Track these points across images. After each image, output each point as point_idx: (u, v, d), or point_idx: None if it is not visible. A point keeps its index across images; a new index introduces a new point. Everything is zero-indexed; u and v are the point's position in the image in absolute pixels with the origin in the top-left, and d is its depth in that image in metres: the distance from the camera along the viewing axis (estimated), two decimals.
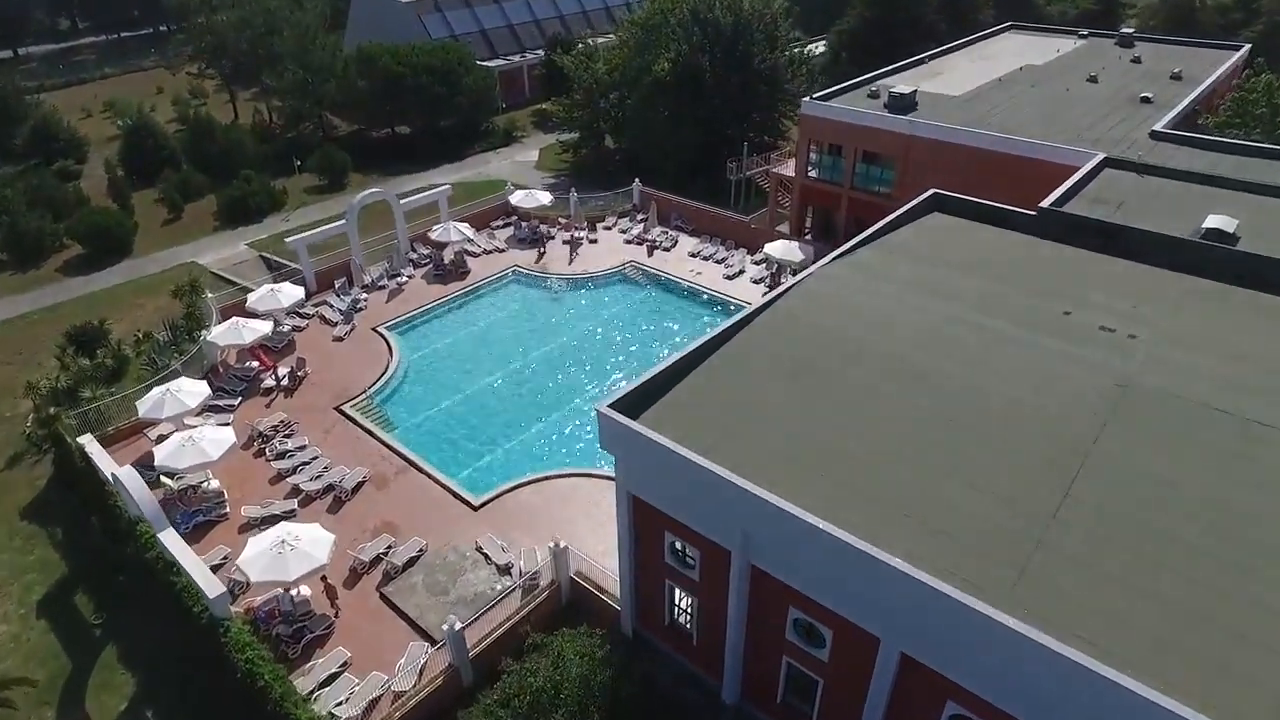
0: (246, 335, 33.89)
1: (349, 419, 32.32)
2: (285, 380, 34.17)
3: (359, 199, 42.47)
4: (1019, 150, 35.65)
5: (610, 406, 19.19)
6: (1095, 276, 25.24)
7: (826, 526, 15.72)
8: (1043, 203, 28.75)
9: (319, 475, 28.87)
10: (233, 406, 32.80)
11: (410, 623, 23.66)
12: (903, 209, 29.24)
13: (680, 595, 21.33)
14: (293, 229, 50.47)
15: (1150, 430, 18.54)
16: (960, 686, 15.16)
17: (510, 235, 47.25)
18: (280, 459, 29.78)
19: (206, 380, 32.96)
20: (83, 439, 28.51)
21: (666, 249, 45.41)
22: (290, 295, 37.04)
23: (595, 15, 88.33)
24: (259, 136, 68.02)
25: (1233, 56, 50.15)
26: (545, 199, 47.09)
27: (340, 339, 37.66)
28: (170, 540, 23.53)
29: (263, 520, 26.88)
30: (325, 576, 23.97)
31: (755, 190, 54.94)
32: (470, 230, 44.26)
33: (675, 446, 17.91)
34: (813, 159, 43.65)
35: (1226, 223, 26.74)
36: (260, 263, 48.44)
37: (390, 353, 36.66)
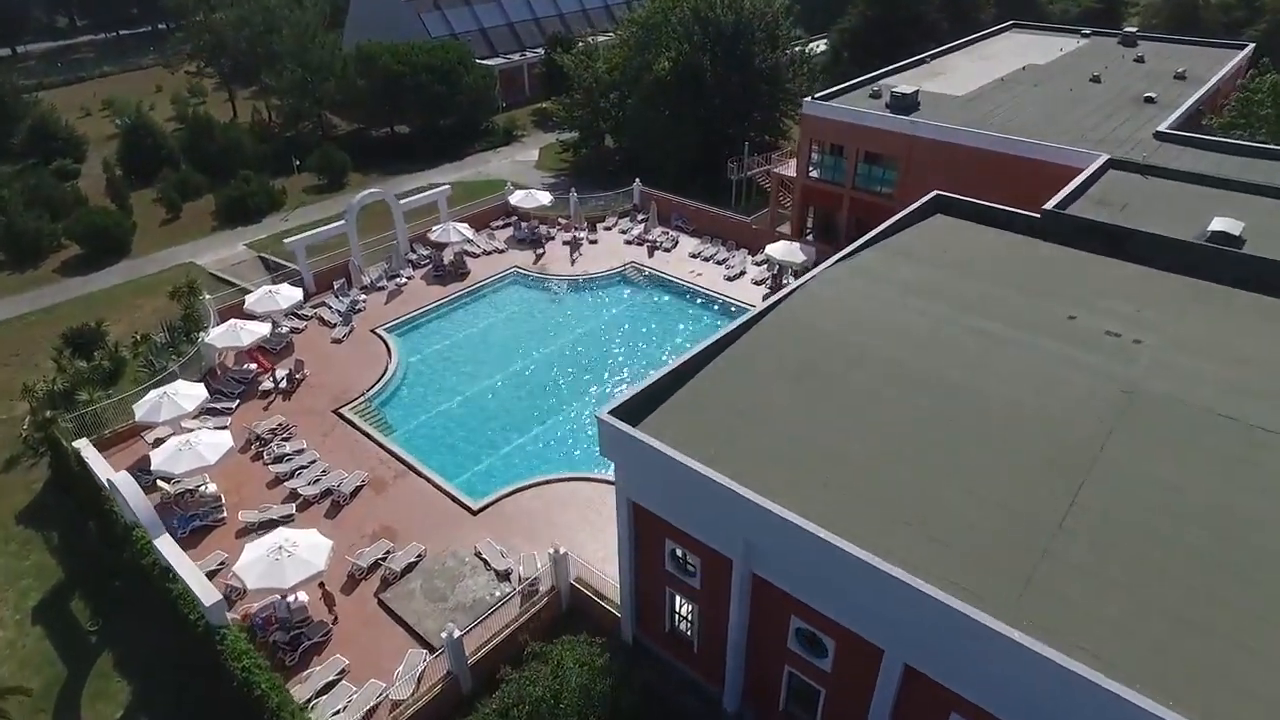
0: (244, 337, 33.67)
1: (347, 422, 32.12)
2: (283, 383, 33.97)
3: (358, 199, 42.23)
4: (1022, 151, 35.40)
5: (610, 413, 18.98)
6: (1099, 279, 25.00)
7: (829, 537, 15.51)
8: (1046, 204, 28.50)
9: (317, 479, 28.67)
10: (230, 409, 32.59)
11: (408, 629, 23.45)
12: (905, 211, 29.00)
13: (681, 602, 21.14)
14: (292, 229, 50.23)
15: (1156, 437, 18.32)
16: (965, 699, 14.97)
17: (510, 236, 47.02)
18: (278, 463, 29.57)
19: (204, 383, 32.83)
20: (78, 443, 28.31)
21: (667, 250, 45.17)
22: (288, 297, 36.83)
23: (595, 13, 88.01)
24: (258, 136, 67.71)
25: (1236, 56, 49.84)
26: (545, 199, 46.85)
27: (339, 341, 37.45)
28: (166, 547, 23.32)
29: (260, 525, 26.69)
30: (323, 583, 23.80)
31: (756, 190, 54.69)
32: (470, 231, 44.03)
33: (676, 454, 17.69)
34: (814, 159, 43.38)
35: (1232, 225, 26.48)
36: (259, 263, 48.20)
37: (389, 355, 36.46)
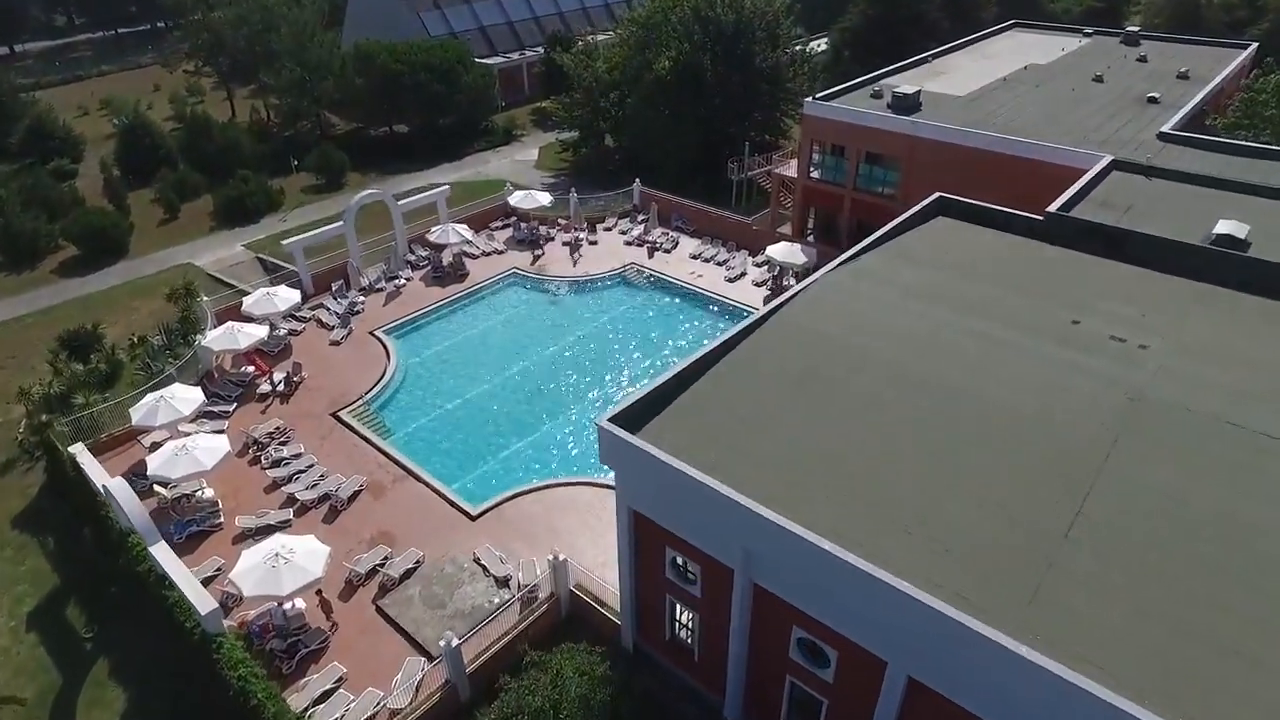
0: (242, 340, 33.42)
1: (345, 425, 31.88)
2: (281, 386, 33.74)
3: (356, 200, 41.97)
4: (1024, 152, 35.18)
5: (610, 420, 18.78)
6: (1104, 283, 24.79)
7: (831, 547, 15.31)
8: (1050, 207, 28.28)
9: (315, 484, 28.43)
10: (227, 413, 32.35)
11: (407, 637, 23.23)
12: (908, 213, 28.78)
13: (681, 610, 20.94)
14: (290, 229, 50.01)
15: (1162, 445, 18.10)
16: (970, 713, 14.74)
17: (510, 237, 46.77)
18: (275, 467, 29.34)
19: (201, 386, 32.60)
20: (74, 448, 28.07)
21: (667, 251, 44.92)
22: (286, 299, 36.61)
23: (595, 12, 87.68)
24: (256, 135, 67.48)
25: (1240, 55, 49.58)
26: (545, 200, 46.59)
27: (337, 343, 37.21)
28: (162, 554, 23.12)
29: (257, 531, 26.47)
30: (320, 590, 23.59)
31: (757, 190, 54.45)
32: (469, 232, 43.77)
33: (676, 463, 17.48)
34: (815, 159, 43.16)
35: (1237, 228, 26.24)
36: (257, 264, 47.97)
37: (388, 357, 36.22)
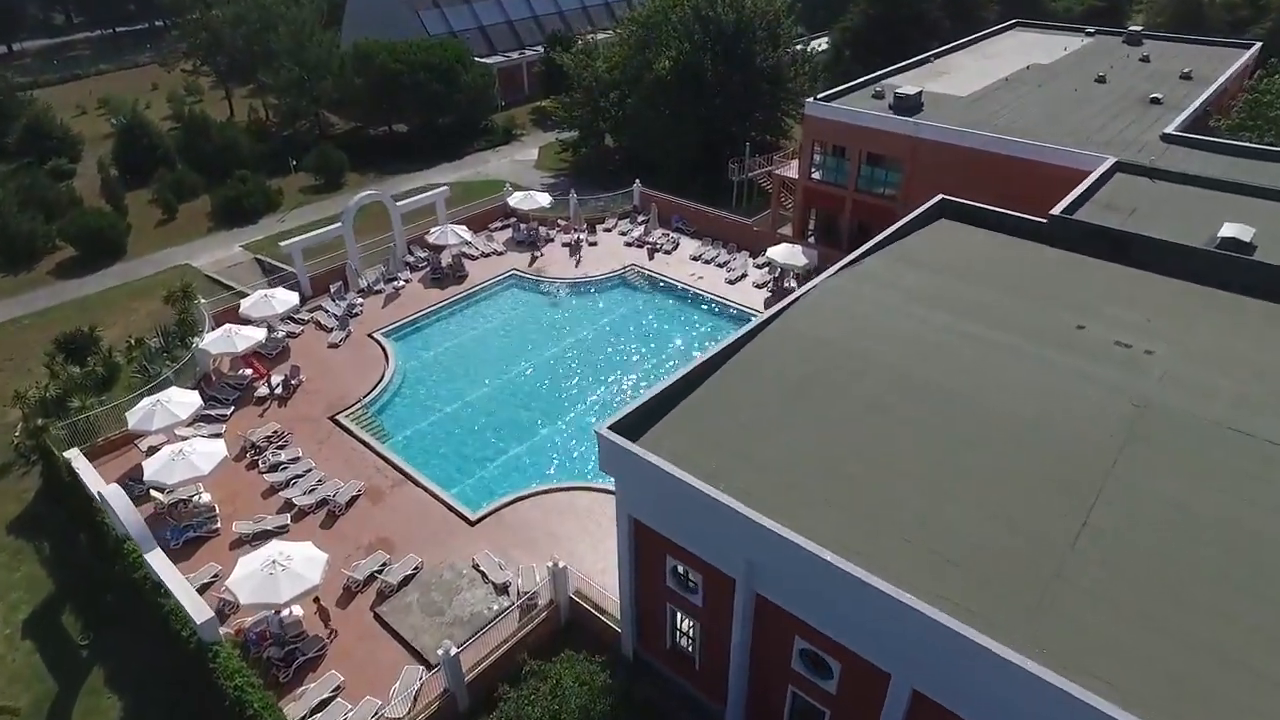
0: (239, 343, 33.15)
1: (344, 429, 31.66)
2: (279, 389, 33.52)
3: (355, 201, 41.70)
4: (1027, 153, 34.94)
5: (610, 428, 18.56)
6: (1108, 287, 24.59)
7: (834, 559, 15.09)
8: (1054, 209, 28.05)
9: (312, 489, 28.22)
10: (225, 416, 32.12)
11: (405, 644, 23.03)
12: (910, 216, 28.55)
13: (682, 619, 20.73)
14: (289, 230, 49.80)
15: (1169, 454, 17.89)
16: None
17: (509, 238, 46.52)
18: (273, 471, 29.11)
19: (198, 389, 32.36)
20: (69, 454, 27.82)
21: (667, 252, 44.67)
22: (284, 301, 36.35)
23: (595, 11, 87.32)
24: (255, 135, 67.17)
25: (1243, 55, 49.31)
26: (544, 200, 46.34)
27: (335, 345, 36.98)
28: (158, 562, 22.90)
29: (254, 536, 26.27)
30: (318, 597, 23.38)
31: (757, 190, 54.22)
32: (468, 233, 43.51)
33: (677, 471, 17.26)
34: (816, 160, 42.92)
35: (1243, 231, 26.02)
36: (255, 265, 47.73)
37: (386, 360, 35.99)
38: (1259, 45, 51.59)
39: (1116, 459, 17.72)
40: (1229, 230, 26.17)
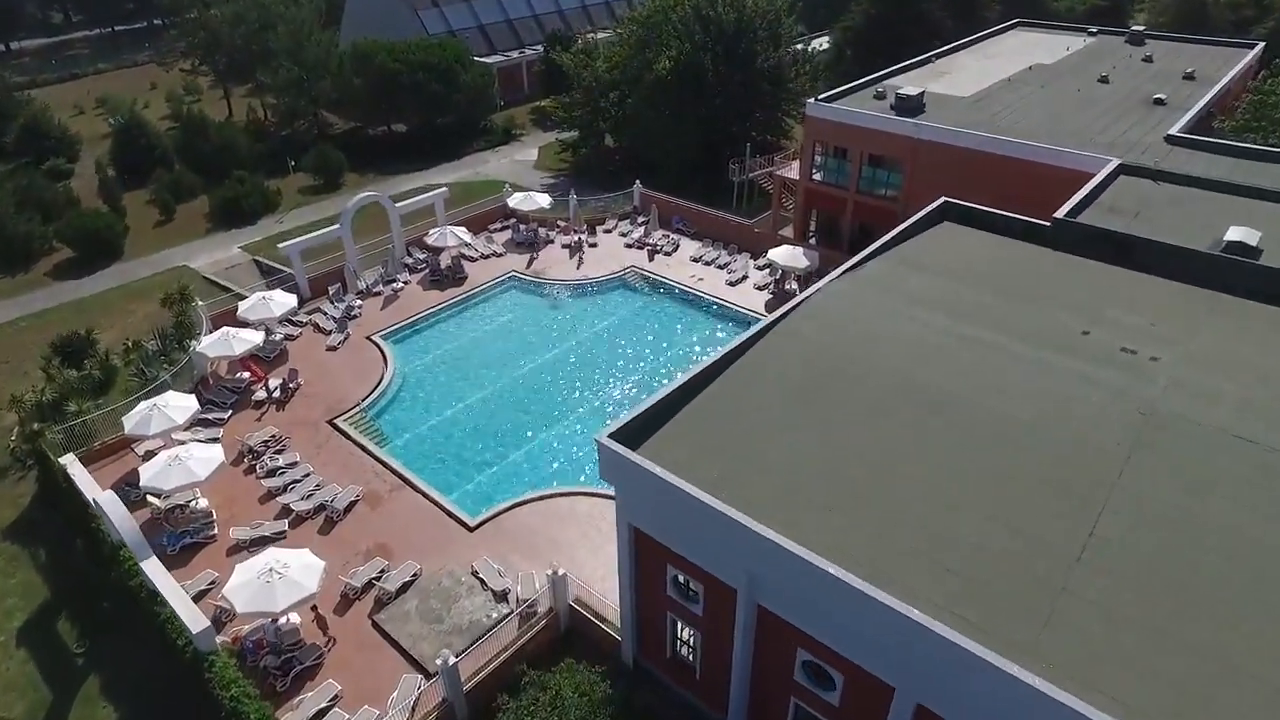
0: (237, 346, 32.91)
1: (342, 433, 31.43)
2: (277, 392, 33.27)
3: (353, 203, 41.46)
4: (1030, 155, 34.68)
5: (610, 436, 18.34)
6: (1113, 291, 24.36)
7: (838, 572, 14.87)
8: (1057, 212, 27.82)
9: (310, 494, 27.99)
10: (222, 420, 31.88)
11: (403, 653, 22.81)
12: (913, 219, 28.31)
13: (683, 628, 20.52)
14: (287, 231, 49.65)
15: (1176, 463, 17.66)
16: None
17: (509, 239, 46.26)
18: (270, 476, 28.87)
19: (195, 393, 32.11)
20: (65, 460, 27.60)
21: (668, 253, 44.42)
22: (282, 303, 36.09)
23: (595, 10, 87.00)
24: (253, 135, 66.88)
25: (1246, 55, 49.04)
26: (544, 201, 46.08)
27: (334, 348, 36.72)
28: (153, 570, 22.68)
29: (252, 542, 26.04)
30: (315, 605, 23.16)
31: (758, 191, 53.97)
32: (467, 234, 43.25)
33: (677, 481, 17.05)
34: (818, 161, 42.67)
35: (1248, 235, 25.77)
36: (253, 267, 47.50)
37: (385, 362, 35.75)
38: (1262, 45, 51.30)
39: (1122, 468, 17.51)
40: (1234, 234, 25.91)
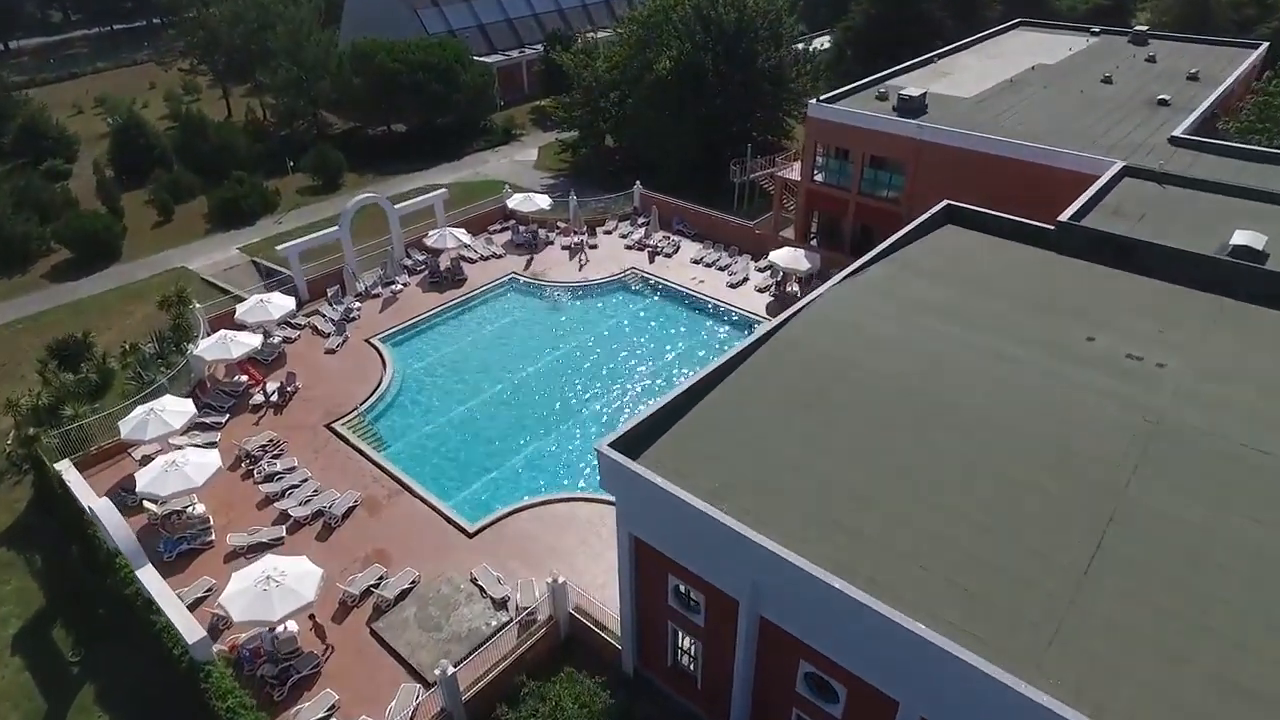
0: (235, 350, 32.63)
1: (340, 437, 31.20)
2: (274, 396, 33.02)
3: (352, 204, 41.23)
4: (1033, 157, 34.41)
5: (610, 445, 18.11)
6: (1118, 297, 24.11)
7: (842, 585, 14.65)
8: (1061, 215, 27.56)
9: (308, 500, 27.76)
10: (220, 424, 31.66)
11: (401, 661, 22.60)
12: (915, 222, 28.05)
13: (684, 637, 20.31)
14: (286, 232, 49.44)
15: (1185, 474, 17.42)
16: None
17: (508, 240, 46.00)
18: (268, 482, 28.65)
19: (192, 397, 31.91)
20: (60, 466, 27.35)
21: (668, 255, 44.17)
22: (280, 306, 35.81)
23: (595, 9, 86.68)
24: (252, 135, 66.61)
25: (1250, 55, 48.73)
26: (544, 203, 45.82)
27: (332, 351, 36.47)
28: (149, 578, 22.46)
29: (249, 549, 25.83)
30: (313, 614, 22.95)
31: (759, 191, 53.71)
32: (467, 236, 42.99)
33: (679, 492, 16.82)
34: (819, 162, 42.42)
35: (1255, 239, 25.49)
36: (252, 268, 47.22)
37: (384, 366, 35.51)
38: (1266, 45, 50.97)
39: (1129, 478, 17.28)
40: (1241, 238, 25.64)
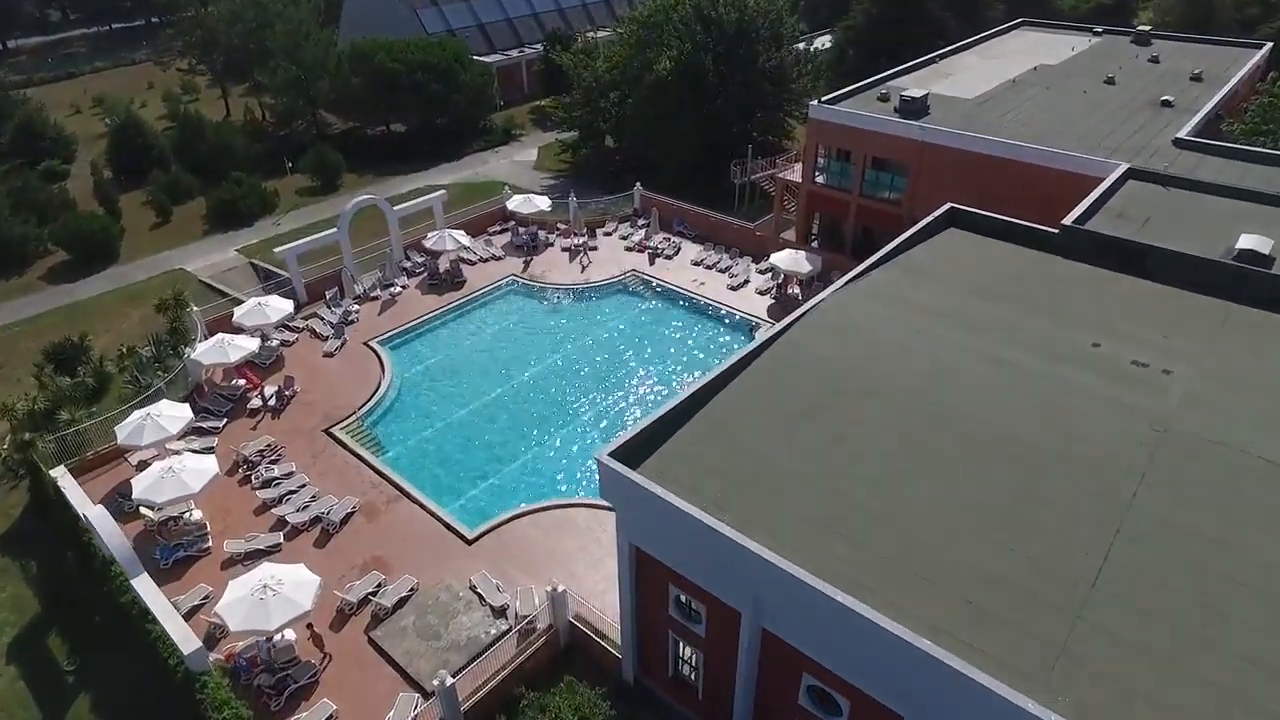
0: (232, 354, 32.41)
1: (338, 442, 30.96)
2: (272, 400, 32.80)
3: (351, 206, 40.99)
4: (1036, 159, 34.12)
5: (610, 454, 17.89)
6: (1123, 302, 23.88)
7: (847, 600, 14.43)
8: (1065, 219, 27.32)
9: (306, 506, 27.54)
10: (217, 429, 31.43)
11: (399, 670, 22.38)
12: (918, 226, 27.81)
13: (685, 647, 20.10)
14: (285, 233, 49.18)
15: (1193, 483, 17.20)
16: None
17: (508, 242, 45.74)
18: (266, 487, 28.42)
19: (190, 401, 31.70)
20: (55, 472, 27.13)
21: (669, 257, 43.93)
22: (278, 309, 35.55)
23: (595, 9, 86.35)
24: (251, 135, 66.33)
25: (1254, 55, 48.42)
26: (544, 204, 45.58)
27: (331, 354, 36.23)
28: (145, 588, 22.24)
29: (246, 556, 25.62)
30: (311, 623, 22.73)
31: (760, 193, 53.45)
32: (466, 238, 42.74)
33: (680, 503, 16.61)
34: (820, 164, 42.16)
35: (1261, 243, 25.22)
36: (250, 270, 46.98)
37: (382, 369, 35.27)
38: (1270, 45, 50.66)
39: (1137, 489, 17.06)
40: (1247, 241, 25.38)
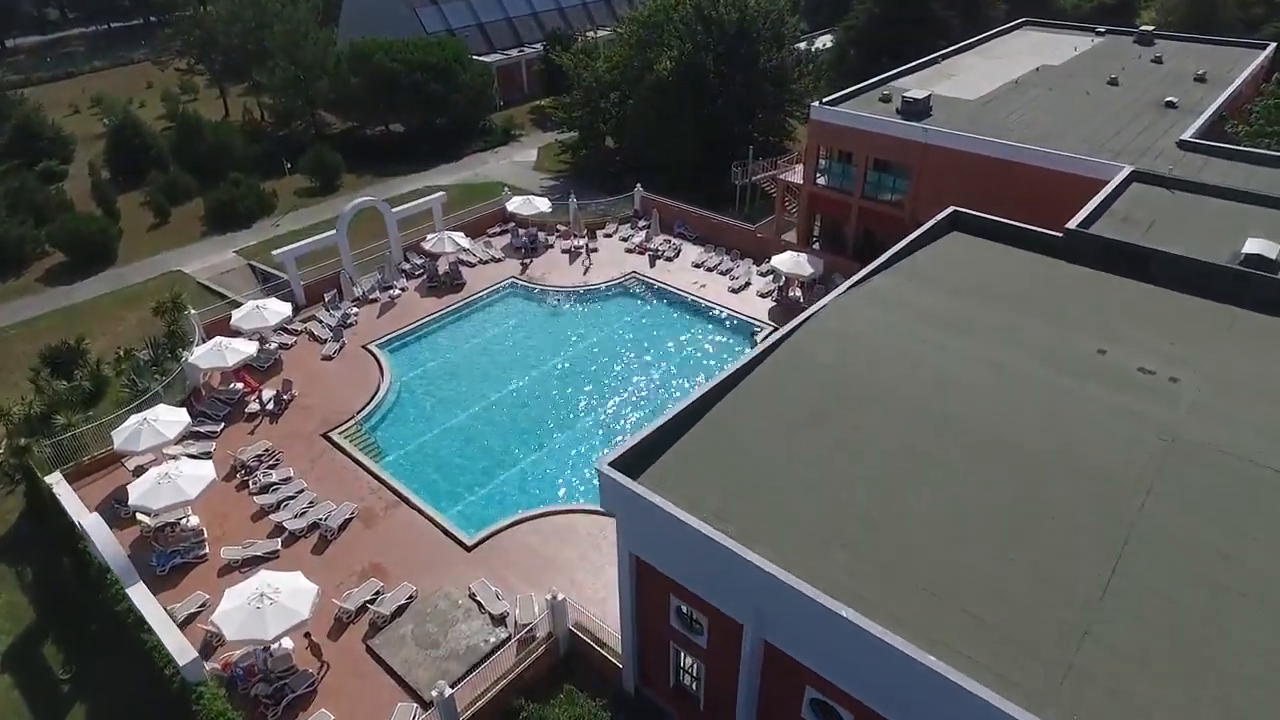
0: (230, 357, 32.13)
1: (337, 447, 30.72)
2: (270, 404, 32.59)
3: (349, 208, 40.75)
4: (1039, 161, 33.91)
5: (611, 464, 17.68)
6: (1128, 307, 23.65)
7: (850, 614, 14.21)
8: (1069, 222, 27.09)
9: (304, 511, 27.31)
10: (215, 433, 31.20)
11: (398, 679, 22.17)
12: (921, 229, 27.58)
13: (686, 658, 19.88)
14: (283, 235, 48.96)
15: (1202, 494, 16.96)
16: None
17: (508, 244, 45.50)
18: (263, 493, 28.19)
19: (187, 405, 31.46)
20: (51, 478, 26.89)
21: (669, 259, 43.69)
22: (277, 312, 35.27)
23: (595, 9, 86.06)
24: (249, 135, 66.04)
25: (1258, 56, 48.20)
26: (543, 205, 45.33)
27: (329, 358, 35.98)
28: (140, 597, 22.03)
29: (244, 562, 25.41)
30: (308, 632, 22.51)
31: (761, 194, 53.19)
32: (465, 239, 42.47)
33: (681, 513, 16.39)
34: (822, 165, 41.92)
35: (1268, 248, 25.01)
36: (248, 271, 46.73)
37: (381, 373, 35.03)
38: (1274, 45, 50.41)
39: (1144, 500, 16.83)
40: (1253, 246, 25.17)
